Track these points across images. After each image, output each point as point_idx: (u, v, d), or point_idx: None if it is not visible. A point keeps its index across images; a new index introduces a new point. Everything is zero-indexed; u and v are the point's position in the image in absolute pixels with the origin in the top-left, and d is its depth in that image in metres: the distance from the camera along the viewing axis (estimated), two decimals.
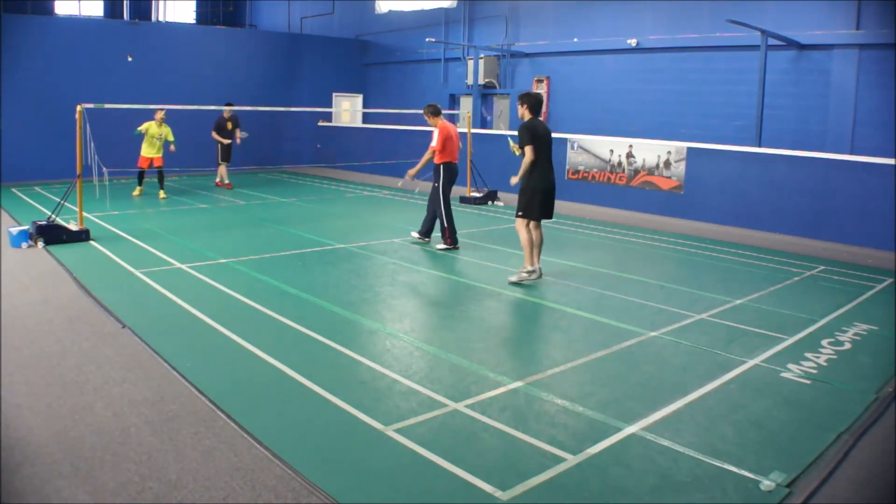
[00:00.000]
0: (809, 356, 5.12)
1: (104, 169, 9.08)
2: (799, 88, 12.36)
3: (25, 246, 8.25)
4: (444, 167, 8.64)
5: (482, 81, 17.33)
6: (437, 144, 8.54)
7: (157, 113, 12.55)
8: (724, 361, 4.98)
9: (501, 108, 17.67)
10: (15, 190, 13.52)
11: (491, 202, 13.10)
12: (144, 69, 16.89)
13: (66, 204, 9.12)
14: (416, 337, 5.42)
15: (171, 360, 4.70)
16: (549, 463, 3.44)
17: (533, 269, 7.10)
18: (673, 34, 14.00)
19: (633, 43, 14.56)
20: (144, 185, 13.21)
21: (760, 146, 11.63)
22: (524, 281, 7.05)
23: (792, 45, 12.18)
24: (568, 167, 13.66)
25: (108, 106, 9.81)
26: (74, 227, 8.77)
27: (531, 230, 7.10)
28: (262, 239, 9.31)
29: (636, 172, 12.67)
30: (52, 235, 8.42)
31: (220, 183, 14.78)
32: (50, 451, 3.46)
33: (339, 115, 21.13)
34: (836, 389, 4.54)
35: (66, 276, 7.01)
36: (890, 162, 9.59)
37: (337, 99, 20.84)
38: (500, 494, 3.15)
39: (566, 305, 6.37)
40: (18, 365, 4.59)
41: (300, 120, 19.37)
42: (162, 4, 24.20)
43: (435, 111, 8.74)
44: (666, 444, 3.68)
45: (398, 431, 3.73)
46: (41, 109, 15.20)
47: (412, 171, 8.80)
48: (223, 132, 14.39)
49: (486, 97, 17.90)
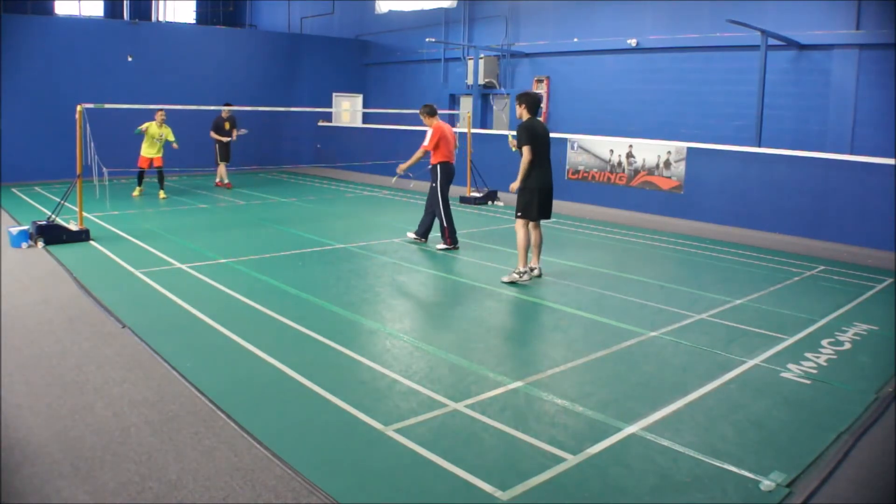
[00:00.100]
0: (809, 356, 5.12)
1: (104, 169, 9.09)
2: (799, 88, 12.35)
3: (25, 246, 8.25)
4: (440, 167, 8.66)
5: (482, 81, 17.33)
6: (429, 144, 8.57)
7: (157, 114, 12.56)
8: (724, 361, 4.98)
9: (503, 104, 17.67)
10: (15, 190, 13.52)
11: (491, 202, 13.10)
12: (144, 69, 16.90)
13: (66, 204, 9.12)
14: (416, 337, 5.41)
15: (171, 360, 4.70)
16: (549, 463, 3.44)
17: (525, 269, 7.09)
18: (673, 34, 14.00)
19: (633, 43, 14.56)
20: (144, 185, 13.20)
21: (760, 146, 11.63)
22: (517, 281, 7.05)
23: (792, 45, 12.18)
24: (568, 167, 13.66)
25: (108, 106, 9.82)
26: (74, 227, 8.77)
27: (530, 230, 7.12)
28: (262, 239, 9.31)
29: (636, 172, 12.66)
30: (52, 235, 8.42)
31: (219, 183, 14.79)
32: (50, 451, 3.46)
33: (339, 115, 21.13)
34: (836, 389, 4.54)
35: (66, 276, 7.01)
36: (890, 162, 9.59)
37: (337, 99, 20.85)
38: (500, 494, 3.15)
39: (566, 305, 6.37)
40: (18, 365, 4.59)
41: (300, 120, 19.37)
42: (162, 4, 24.19)
43: (430, 111, 8.81)
44: (666, 444, 3.68)
45: (398, 431, 3.73)
46: (41, 109, 15.20)
47: (403, 165, 8.85)
48: (221, 132, 14.42)
49: (485, 97, 17.91)
